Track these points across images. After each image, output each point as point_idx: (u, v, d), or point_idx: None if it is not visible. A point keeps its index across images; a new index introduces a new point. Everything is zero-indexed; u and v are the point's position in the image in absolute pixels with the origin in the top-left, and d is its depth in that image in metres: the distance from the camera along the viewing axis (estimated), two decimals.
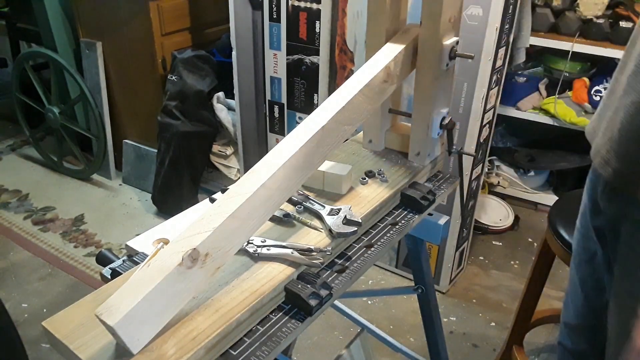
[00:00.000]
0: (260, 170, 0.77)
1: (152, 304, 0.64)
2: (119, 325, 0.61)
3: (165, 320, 0.67)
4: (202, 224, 0.70)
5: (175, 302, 0.68)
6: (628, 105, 0.89)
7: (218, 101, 2.59)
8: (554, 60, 2.48)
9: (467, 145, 1.90)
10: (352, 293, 1.68)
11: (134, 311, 0.62)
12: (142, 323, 0.64)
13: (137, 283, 0.64)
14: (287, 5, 2.07)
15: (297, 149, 0.79)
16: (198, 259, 0.67)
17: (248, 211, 0.73)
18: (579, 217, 1.17)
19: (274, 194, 0.77)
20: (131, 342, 0.63)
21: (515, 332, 1.72)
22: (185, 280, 0.67)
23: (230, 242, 0.72)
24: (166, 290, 0.65)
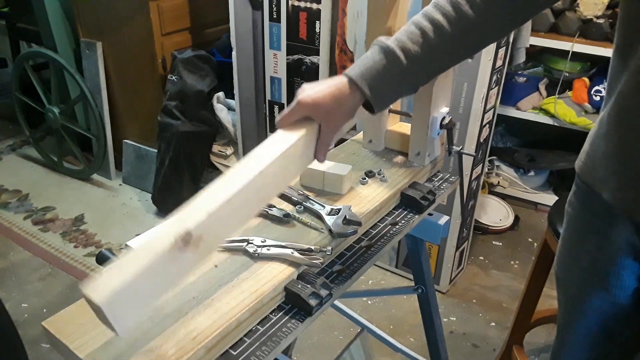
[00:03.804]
0: (258, 157, 0.75)
1: (141, 284, 0.62)
2: (105, 303, 0.58)
3: (153, 303, 0.65)
4: (196, 207, 0.68)
5: (165, 285, 0.66)
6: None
7: (218, 101, 2.59)
8: (554, 60, 2.48)
9: (467, 145, 1.90)
10: (352, 293, 1.68)
11: (121, 290, 0.60)
12: (130, 304, 0.62)
13: (127, 262, 0.62)
14: (287, 5, 2.07)
15: (297, 137, 0.78)
16: (191, 242, 0.66)
17: (244, 198, 0.72)
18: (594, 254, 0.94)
19: (271, 182, 0.76)
20: (117, 322, 0.60)
21: (515, 332, 1.72)
22: (176, 263, 0.65)
23: (223, 228, 0.71)
24: (156, 271, 0.63)
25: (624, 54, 0.80)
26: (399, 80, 0.81)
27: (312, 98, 0.80)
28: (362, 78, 0.80)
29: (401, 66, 0.80)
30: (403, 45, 0.80)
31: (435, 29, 0.79)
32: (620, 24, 0.82)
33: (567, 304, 1.03)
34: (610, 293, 0.93)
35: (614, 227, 0.89)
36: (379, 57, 0.80)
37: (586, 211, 0.94)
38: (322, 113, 0.80)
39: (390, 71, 0.80)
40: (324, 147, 0.84)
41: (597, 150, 0.88)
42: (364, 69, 0.80)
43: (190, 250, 0.66)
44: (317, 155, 0.84)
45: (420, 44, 0.80)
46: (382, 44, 0.81)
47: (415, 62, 0.80)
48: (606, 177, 0.87)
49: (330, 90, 0.80)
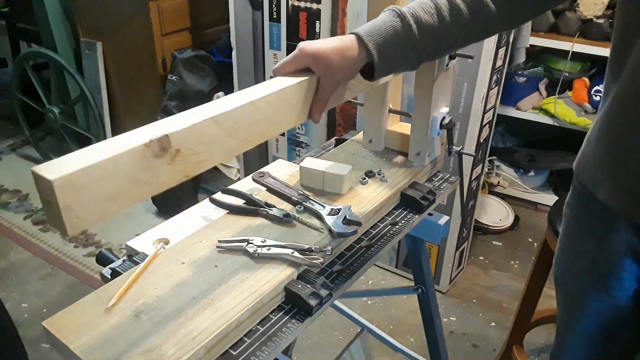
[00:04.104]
0: (252, 89, 0.73)
1: (104, 178, 0.55)
2: (59, 183, 0.50)
3: (113, 210, 0.57)
4: (179, 117, 0.63)
5: (130, 192, 0.58)
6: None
7: None
8: (554, 60, 2.48)
9: (467, 145, 1.90)
10: (352, 293, 1.68)
11: (81, 174, 0.52)
12: (87, 196, 0.53)
13: (93, 150, 0.55)
14: (287, 5, 2.07)
15: (294, 82, 0.76)
16: (167, 151, 0.60)
17: (231, 123, 0.68)
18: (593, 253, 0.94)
19: (262, 120, 0.73)
20: (68, 214, 0.52)
21: (515, 332, 1.72)
22: (147, 169, 0.59)
23: (205, 150, 0.65)
24: (124, 168, 0.56)
25: (621, 55, 0.80)
26: (405, 47, 0.79)
27: (316, 47, 0.77)
28: (370, 36, 0.77)
29: (411, 34, 0.78)
30: (416, 15, 0.78)
31: (450, 6, 0.79)
32: (617, 25, 0.82)
33: (567, 306, 1.03)
34: (609, 295, 0.92)
35: (612, 229, 0.89)
36: (389, 20, 0.78)
37: (584, 212, 0.94)
38: (324, 65, 0.77)
39: (399, 36, 0.78)
40: (321, 103, 0.80)
41: (593, 151, 0.88)
42: (372, 28, 0.78)
43: (165, 159, 0.60)
44: (313, 112, 0.81)
45: (433, 18, 0.79)
46: (394, 9, 0.79)
47: (426, 33, 0.79)
48: (603, 178, 0.86)
49: (335, 44, 0.77)
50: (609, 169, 0.85)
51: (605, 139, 0.85)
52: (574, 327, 1.02)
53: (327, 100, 0.81)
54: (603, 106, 0.86)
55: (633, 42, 0.77)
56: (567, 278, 1.01)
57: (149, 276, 0.79)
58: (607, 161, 0.85)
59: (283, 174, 1.06)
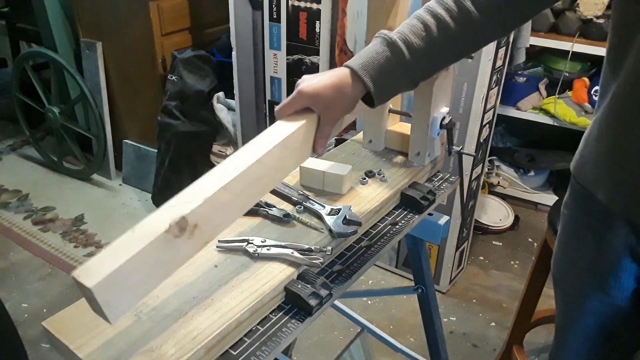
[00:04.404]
0: (256, 146, 0.75)
1: (134, 270, 0.60)
2: (97, 288, 0.57)
3: (147, 291, 0.64)
4: (192, 193, 0.67)
5: (159, 272, 0.64)
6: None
7: (218, 101, 2.59)
8: (554, 60, 2.48)
9: (467, 145, 1.90)
10: (352, 293, 1.68)
11: (114, 275, 0.58)
12: (122, 289, 0.60)
13: (120, 247, 0.60)
14: (287, 5, 2.07)
15: (296, 127, 0.78)
16: (186, 229, 0.64)
17: (241, 186, 0.71)
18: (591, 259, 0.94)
19: (269, 173, 0.75)
20: (109, 309, 0.59)
21: (515, 332, 1.72)
22: (171, 250, 0.64)
23: (220, 216, 0.70)
24: (150, 257, 0.61)
25: (618, 56, 0.80)
26: (400, 73, 0.81)
27: (313, 88, 0.79)
28: (364, 69, 0.79)
29: (404, 59, 0.79)
30: (406, 39, 0.79)
31: (438, 24, 0.79)
32: (613, 25, 0.82)
33: (565, 306, 1.03)
34: (609, 295, 0.92)
35: (611, 229, 0.89)
36: (381, 49, 0.79)
37: (582, 212, 0.94)
38: (323, 104, 0.79)
39: (392, 64, 0.79)
40: (323, 139, 0.83)
41: (591, 151, 0.88)
42: (365, 61, 0.79)
43: (185, 237, 0.64)
44: (316, 148, 0.83)
45: (423, 38, 0.79)
46: (385, 36, 0.80)
47: (418, 56, 0.80)
48: (600, 178, 0.86)
49: (331, 81, 0.79)
50: (607, 169, 0.85)
51: (603, 139, 0.85)
52: (573, 327, 1.02)
53: (329, 135, 0.84)
54: (600, 106, 0.86)
55: (631, 42, 0.77)
56: (566, 278, 1.01)
57: None
58: (605, 161, 0.85)
59: None
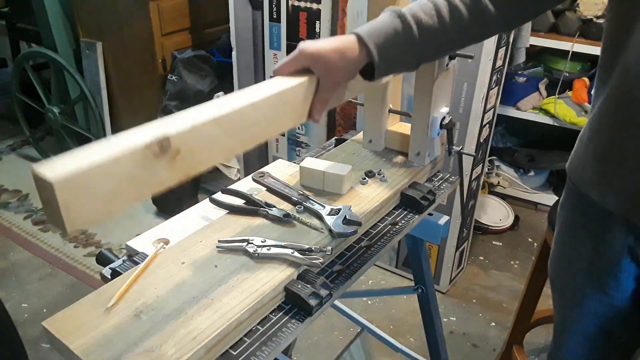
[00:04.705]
0: (253, 90, 0.73)
1: (104, 178, 0.55)
2: (59, 183, 0.51)
3: (112, 209, 0.58)
4: (180, 117, 0.63)
5: (130, 190, 0.59)
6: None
7: None
8: (554, 60, 2.48)
9: (467, 145, 1.90)
10: (352, 293, 1.68)
11: (81, 174, 0.53)
12: (87, 195, 0.54)
13: (94, 151, 0.56)
14: (287, 5, 2.07)
15: (295, 83, 0.76)
16: (167, 151, 0.60)
17: (232, 124, 0.68)
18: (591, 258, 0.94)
19: (262, 121, 0.73)
20: (68, 212, 0.53)
21: (515, 332, 1.72)
22: (146, 169, 0.59)
23: (205, 150, 0.66)
24: (123, 168, 0.56)
25: (612, 56, 0.80)
26: (406, 48, 0.79)
27: (315, 47, 0.76)
28: (370, 37, 0.77)
29: (411, 35, 0.78)
30: (416, 15, 0.78)
31: (450, 8, 0.79)
32: (607, 26, 0.82)
33: (564, 307, 1.03)
34: (608, 295, 0.92)
35: (608, 229, 0.89)
36: (389, 21, 0.78)
37: (579, 213, 0.94)
38: (323, 66, 0.77)
39: (399, 37, 0.78)
40: (321, 103, 0.80)
41: (585, 152, 0.88)
42: (372, 29, 0.78)
43: (165, 160, 0.60)
44: (313, 113, 0.80)
45: (433, 19, 0.79)
46: (395, 9, 0.79)
47: (426, 34, 0.79)
48: (596, 178, 0.87)
49: (334, 44, 0.77)
50: (602, 169, 0.85)
51: (598, 140, 0.85)
52: (572, 327, 1.02)
53: (328, 100, 0.81)
54: (594, 106, 0.86)
55: (624, 43, 0.77)
56: (564, 279, 1.01)
57: (149, 276, 0.79)
58: (601, 161, 0.85)
59: (283, 174, 1.06)
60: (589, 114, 0.88)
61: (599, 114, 0.84)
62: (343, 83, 0.82)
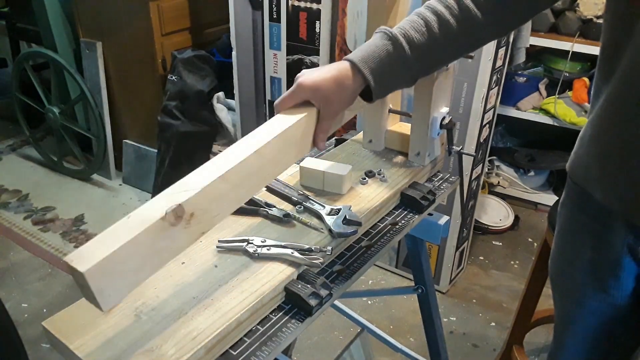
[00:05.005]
0: (255, 137, 0.74)
1: (129, 257, 0.59)
2: (89, 272, 0.56)
3: (141, 280, 0.63)
4: (189, 182, 0.66)
5: (154, 261, 0.63)
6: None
7: (218, 101, 2.59)
8: (554, 60, 2.48)
9: (467, 145, 1.90)
10: (352, 293, 1.68)
11: (108, 260, 0.57)
12: (116, 276, 0.59)
13: (115, 233, 0.60)
14: (287, 5, 2.07)
15: (294, 121, 0.77)
16: (182, 218, 0.63)
17: (239, 176, 0.70)
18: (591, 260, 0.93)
19: (267, 165, 0.75)
20: (101, 296, 0.58)
21: (515, 332, 1.72)
22: (166, 238, 0.63)
23: (217, 207, 0.69)
24: (145, 244, 0.61)
25: (612, 57, 0.80)
26: (400, 68, 0.80)
27: (313, 81, 0.78)
28: (364, 63, 0.78)
29: (404, 54, 0.79)
30: (407, 34, 0.79)
31: (439, 21, 0.79)
32: (606, 26, 0.82)
33: (564, 306, 1.03)
34: (608, 294, 0.92)
35: (609, 228, 0.89)
36: (381, 44, 0.79)
37: (580, 212, 0.94)
38: (322, 97, 0.79)
39: (392, 58, 0.79)
40: (323, 132, 0.82)
41: (587, 152, 0.89)
42: (366, 54, 0.79)
43: (181, 225, 0.63)
44: (316, 141, 0.83)
45: (424, 35, 0.79)
46: (385, 31, 0.80)
47: (418, 52, 0.79)
48: (597, 178, 0.87)
49: (331, 74, 0.79)
50: (603, 169, 0.85)
51: (598, 140, 0.85)
52: (573, 327, 1.02)
53: (329, 128, 0.83)
54: (594, 106, 0.86)
55: (624, 43, 0.77)
56: (564, 278, 1.01)
57: None
58: (601, 162, 0.85)
59: (283, 174, 1.06)
60: (589, 114, 0.88)
61: (600, 114, 0.84)
62: (342, 110, 0.84)
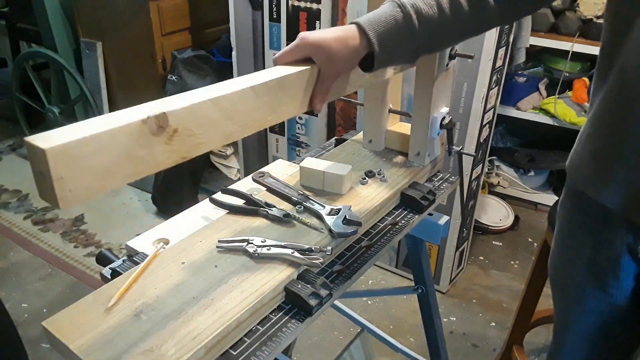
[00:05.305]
0: (255, 75, 0.73)
1: (99, 152, 0.53)
2: (52, 153, 0.49)
3: (107, 186, 0.56)
4: (179, 97, 0.63)
5: (125, 168, 0.57)
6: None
7: None
8: (554, 60, 2.48)
9: (467, 145, 1.89)
10: (352, 293, 1.68)
11: (75, 145, 0.51)
12: (80, 168, 0.52)
13: (90, 123, 0.54)
14: (287, 5, 2.07)
15: (294, 71, 0.76)
16: (165, 129, 0.59)
17: (230, 106, 0.67)
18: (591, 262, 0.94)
19: (262, 107, 0.72)
20: (60, 186, 0.51)
21: (515, 332, 1.72)
22: (144, 146, 0.58)
23: (204, 132, 0.65)
24: (120, 144, 0.55)
25: (609, 55, 0.81)
26: (406, 38, 0.79)
27: (316, 36, 0.76)
28: (371, 26, 0.77)
29: (411, 25, 0.78)
30: (416, 6, 0.78)
31: (450, 1, 0.79)
32: (605, 25, 0.82)
33: (564, 306, 1.03)
34: (608, 294, 0.92)
35: (608, 228, 0.89)
36: (390, 11, 0.78)
37: (579, 212, 0.94)
38: (325, 54, 0.77)
39: (399, 27, 0.78)
40: (322, 93, 0.80)
41: (586, 151, 0.89)
42: (373, 18, 0.78)
43: (162, 137, 0.59)
44: (314, 102, 0.80)
45: (433, 10, 0.79)
46: (395, 0, 0.79)
47: (426, 25, 0.79)
48: (596, 177, 0.87)
49: (334, 33, 0.77)
50: (602, 168, 0.85)
51: (596, 139, 0.85)
52: (572, 326, 1.02)
53: (329, 89, 0.81)
54: (593, 105, 0.86)
55: (622, 41, 0.77)
56: (564, 278, 1.01)
57: (148, 276, 0.79)
58: (600, 161, 0.85)
59: (283, 174, 1.06)
60: (588, 113, 0.88)
61: (598, 112, 0.84)
62: (344, 72, 0.81)
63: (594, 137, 0.86)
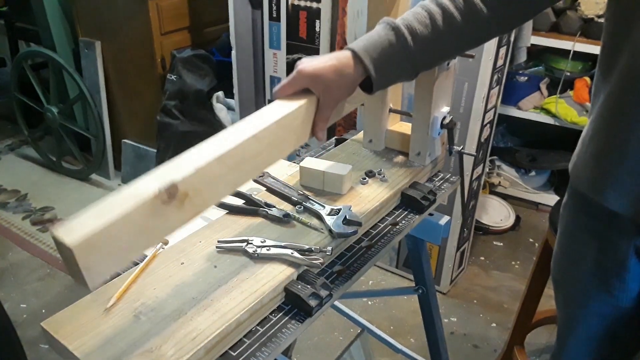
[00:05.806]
0: (254, 121, 0.73)
1: (119, 234, 0.57)
2: (77, 247, 0.53)
3: (130, 258, 0.60)
4: (184, 161, 0.64)
5: (144, 240, 0.60)
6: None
7: (218, 101, 2.59)
8: (555, 60, 2.47)
9: (468, 145, 1.89)
10: (352, 293, 1.67)
11: (97, 235, 0.54)
12: (104, 253, 0.56)
13: (106, 207, 0.57)
14: (287, 4, 2.07)
15: (293, 108, 0.76)
16: (176, 197, 0.61)
17: (235, 160, 0.69)
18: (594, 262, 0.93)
19: (265, 150, 0.73)
20: (88, 272, 0.55)
21: (516, 333, 1.72)
22: (158, 217, 0.60)
23: (212, 189, 0.67)
24: (136, 221, 0.58)
25: (611, 55, 0.80)
26: (402, 60, 0.79)
27: (313, 68, 0.77)
28: (366, 52, 0.77)
29: (407, 46, 0.78)
30: (410, 26, 0.78)
31: (443, 14, 0.78)
32: (607, 25, 0.81)
33: (568, 308, 1.03)
34: (613, 296, 0.92)
35: (614, 230, 0.88)
36: (384, 34, 0.78)
37: (583, 213, 0.94)
38: (322, 85, 0.77)
39: (394, 49, 0.78)
40: (322, 122, 0.81)
41: (589, 152, 0.88)
42: (368, 44, 0.78)
43: (174, 205, 0.61)
44: (315, 130, 0.81)
45: (427, 28, 0.78)
46: (388, 22, 0.79)
47: (421, 44, 0.78)
48: (599, 178, 0.86)
49: (331, 63, 0.77)
50: (605, 169, 0.85)
51: (599, 140, 0.85)
52: (576, 329, 1.02)
53: (329, 118, 0.82)
54: (594, 106, 0.85)
55: (623, 41, 0.76)
56: (568, 280, 1.01)
57: (148, 276, 0.79)
58: (603, 162, 0.85)
59: (283, 174, 1.05)
60: (589, 115, 0.87)
61: (600, 113, 0.83)
62: (342, 100, 0.82)
63: (596, 139, 0.85)
